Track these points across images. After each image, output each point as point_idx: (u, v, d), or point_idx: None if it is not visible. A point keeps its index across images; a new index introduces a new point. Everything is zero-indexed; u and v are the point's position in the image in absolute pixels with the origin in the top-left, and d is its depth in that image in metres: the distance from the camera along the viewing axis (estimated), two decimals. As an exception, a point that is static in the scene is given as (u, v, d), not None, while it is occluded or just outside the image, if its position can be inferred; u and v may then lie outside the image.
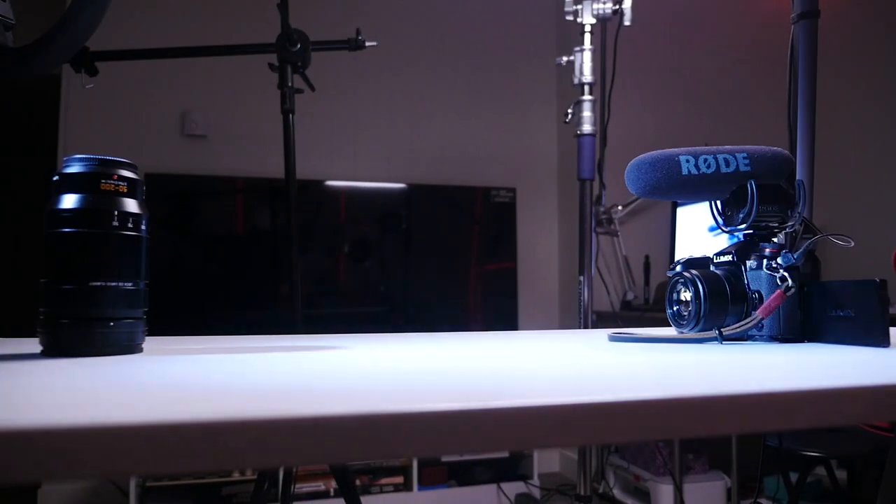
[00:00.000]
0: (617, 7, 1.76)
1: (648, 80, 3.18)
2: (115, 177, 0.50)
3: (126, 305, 0.50)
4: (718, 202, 0.72)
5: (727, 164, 0.68)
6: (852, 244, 0.63)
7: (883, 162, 2.82)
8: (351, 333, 0.76)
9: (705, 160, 0.68)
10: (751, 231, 0.69)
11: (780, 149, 0.71)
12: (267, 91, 1.60)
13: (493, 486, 2.76)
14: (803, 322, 0.64)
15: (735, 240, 0.71)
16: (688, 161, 0.68)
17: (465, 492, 2.73)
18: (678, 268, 0.70)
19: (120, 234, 0.50)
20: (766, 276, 0.63)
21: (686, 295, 0.67)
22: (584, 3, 1.76)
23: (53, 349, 0.49)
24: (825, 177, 1.15)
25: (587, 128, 1.77)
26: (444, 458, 2.71)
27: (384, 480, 2.64)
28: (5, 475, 0.22)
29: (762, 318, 0.61)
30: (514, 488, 2.78)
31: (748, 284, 0.65)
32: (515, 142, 3.34)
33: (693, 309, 0.66)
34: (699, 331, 0.65)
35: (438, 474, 2.72)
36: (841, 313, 0.62)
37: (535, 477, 2.82)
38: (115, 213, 0.50)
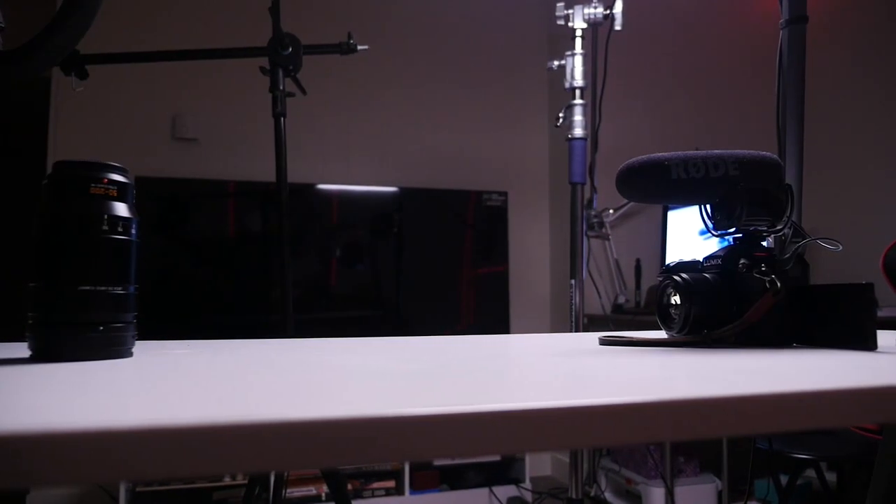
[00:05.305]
0: (608, 12, 1.77)
1: (639, 85, 3.19)
2: (105, 180, 0.50)
3: (116, 310, 0.50)
4: (708, 206, 0.72)
5: (716, 168, 0.68)
6: (840, 248, 0.64)
7: (872, 166, 2.85)
8: (342, 337, 0.76)
9: (694, 165, 0.68)
10: (740, 235, 0.69)
11: (768, 153, 0.72)
12: (258, 95, 1.60)
13: (484, 490, 2.76)
14: (791, 325, 0.65)
15: (725, 244, 0.71)
16: (677, 166, 0.68)
17: (457, 495, 2.73)
18: (668, 271, 0.70)
19: (110, 239, 0.50)
20: (755, 280, 0.64)
21: (675, 298, 0.68)
22: (576, 7, 1.77)
23: (42, 353, 0.48)
24: (814, 181, 1.16)
25: (578, 132, 1.78)
26: (436, 462, 2.70)
27: (376, 484, 2.64)
28: (-7, 481, 0.22)
29: (751, 322, 0.62)
30: (505, 492, 2.78)
31: (737, 288, 0.66)
32: (507, 146, 3.35)
33: (682, 312, 0.66)
34: (688, 334, 0.65)
35: (430, 478, 2.71)
36: (829, 317, 0.62)
37: (527, 480, 2.82)
38: (105, 217, 0.50)
